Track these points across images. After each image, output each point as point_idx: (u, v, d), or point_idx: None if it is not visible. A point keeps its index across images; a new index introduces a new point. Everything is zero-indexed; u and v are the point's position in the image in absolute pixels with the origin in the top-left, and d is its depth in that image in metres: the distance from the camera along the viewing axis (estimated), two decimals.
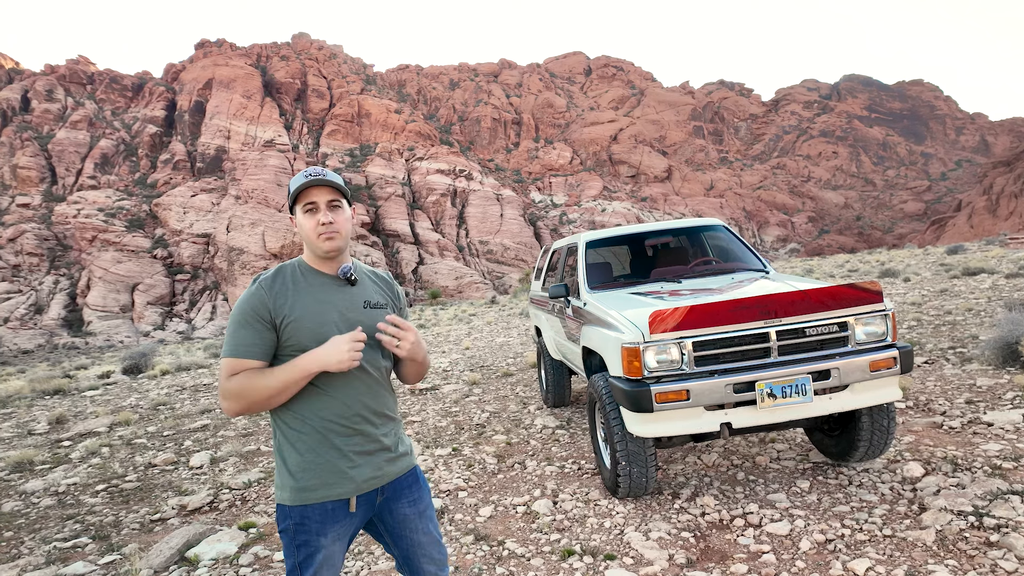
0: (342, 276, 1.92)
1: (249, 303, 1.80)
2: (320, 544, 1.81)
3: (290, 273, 1.89)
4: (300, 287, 1.86)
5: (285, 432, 1.84)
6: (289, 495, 1.81)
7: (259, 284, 1.83)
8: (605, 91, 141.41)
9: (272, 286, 1.83)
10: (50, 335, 57.96)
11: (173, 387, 11.37)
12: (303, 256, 1.95)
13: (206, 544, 3.84)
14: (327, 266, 1.91)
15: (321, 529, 1.81)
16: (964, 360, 6.42)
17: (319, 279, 1.89)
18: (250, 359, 1.77)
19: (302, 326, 1.80)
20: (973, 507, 3.24)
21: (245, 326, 1.78)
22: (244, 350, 1.77)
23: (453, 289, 69.08)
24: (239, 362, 1.76)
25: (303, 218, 1.87)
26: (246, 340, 1.77)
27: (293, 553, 1.82)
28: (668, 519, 3.64)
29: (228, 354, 1.78)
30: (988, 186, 74.97)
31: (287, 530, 1.83)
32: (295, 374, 1.75)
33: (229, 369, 1.77)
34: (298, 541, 1.81)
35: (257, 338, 1.77)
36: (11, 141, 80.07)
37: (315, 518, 1.81)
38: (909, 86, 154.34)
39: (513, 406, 7.05)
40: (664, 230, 5.70)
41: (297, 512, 1.81)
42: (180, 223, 72.37)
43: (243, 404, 1.74)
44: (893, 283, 15.54)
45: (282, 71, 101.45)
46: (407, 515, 1.98)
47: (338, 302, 1.88)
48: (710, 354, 3.40)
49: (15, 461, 6.27)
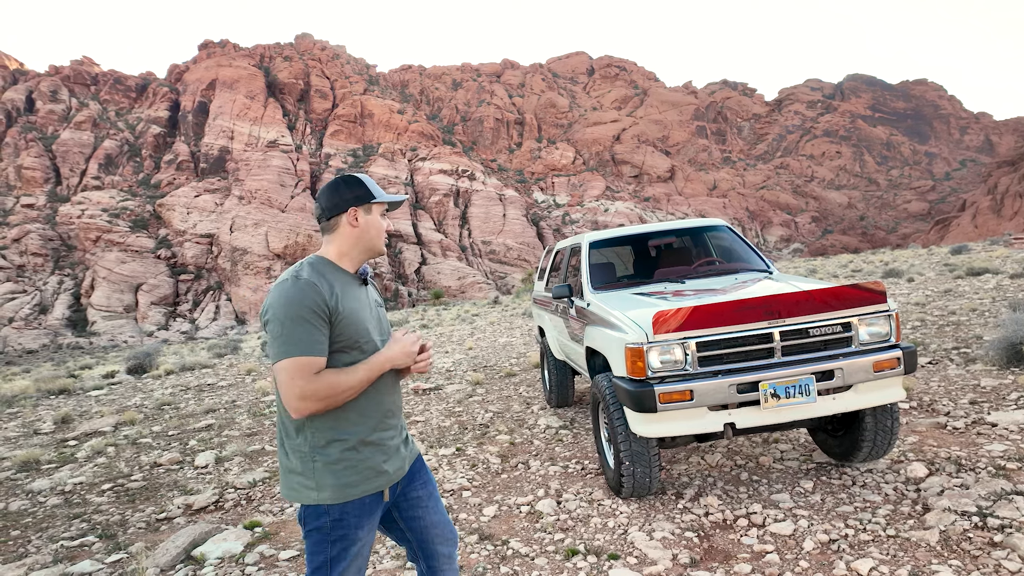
0: (361, 275, 1.98)
1: (306, 300, 1.74)
2: (357, 537, 1.86)
3: (322, 269, 1.87)
4: (337, 285, 1.86)
5: (324, 431, 1.82)
6: (330, 494, 1.81)
7: (308, 281, 1.77)
8: (608, 91, 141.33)
9: (321, 282, 1.80)
10: (54, 335, 58.18)
11: (177, 387, 11.41)
12: (324, 254, 1.93)
13: (212, 543, 3.86)
14: (350, 266, 1.95)
15: (359, 523, 1.86)
16: (968, 360, 6.41)
17: (346, 277, 1.92)
18: (321, 356, 1.74)
19: (351, 322, 1.82)
20: (977, 507, 3.24)
21: (306, 323, 1.72)
22: (317, 348, 1.73)
23: (456, 289, 69.14)
24: (314, 360, 1.72)
25: (379, 219, 1.97)
26: (314, 337, 1.73)
27: (326, 549, 1.83)
28: (672, 519, 3.65)
29: (300, 352, 1.71)
30: (992, 186, 74.73)
31: (322, 527, 1.83)
32: (374, 371, 1.81)
33: (304, 368, 1.71)
34: (334, 536, 1.83)
35: (321, 335, 1.75)
36: (16, 142, 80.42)
37: (354, 512, 1.85)
38: (913, 85, 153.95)
39: (516, 406, 7.07)
40: (667, 230, 5.71)
41: (337, 509, 1.83)
42: (184, 223, 72.56)
43: (326, 404, 1.74)
44: (897, 283, 15.51)
45: (285, 72, 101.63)
46: (420, 496, 2.06)
47: (364, 300, 1.96)
48: (714, 354, 3.41)
49: (22, 460, 6.31)
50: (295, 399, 1.71)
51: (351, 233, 1.92)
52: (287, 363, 1.71)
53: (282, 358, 1.71)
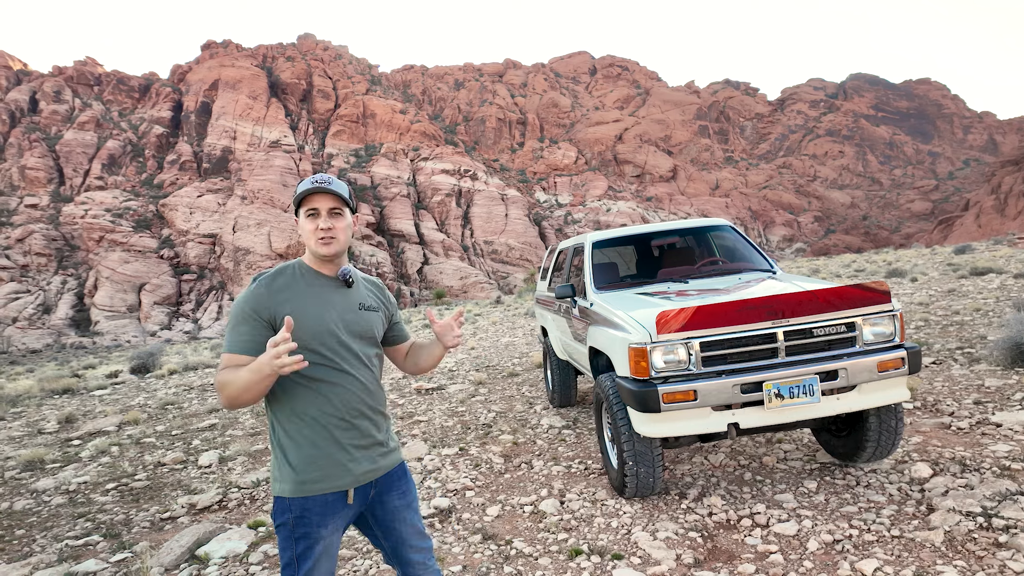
0: (341, 278, 2.01)
1: (248, 301, 1.87)
2: (320, 535, 1.89)
3: (291, 273, 1.96)
4: (300, 287, 1.94)
5: (286, 427, 1.91)
6: (290, 487, 1.88)
7: (259, 283, 1.91)
8: (610, 91, 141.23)
9: (271, 284, 1.91)
10: (58, 335, 58.36)
11: (181, 386, 11.43)
12: (304, 257, 2.02)
13: (216, 542, 3.87)
14: (327, 268, 2.00)
15: (321, 520, 1.89)
16: (972, 360, 6.39)
17: (319, 280, 1.98)
18: (246, 355, 1.82)
19: (301, 325, 1.86)
20: (982, 508, 3.23)
21: (243, 322, 1.85)
22: (240, 345, 1.84)
23: (458, 289, 69.18)
24: (235, 357, 1.83)
25: (305, 221, 1.95)
26: (243, 336, 1.84)
27: (291, 546, 1.89)
28: (675, 519, 3.65)
29: (225, 349, 1.86)
30: (996, 185, 74.49)
31: (286, 523, 1.90)
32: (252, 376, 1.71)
33: (225, 363, 1.84)
34: (297, 534, 1.88)
35: (253, 334, 1.84)
36: (19, 142, 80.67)
37: (315, 510, 1.89)
38: (916, 85, 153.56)
39: (519, 406, 7.07)
40: (670, 230, 5.70)
41: (298, 504, 1.88)
42: (186, 223, 72.72)
43: (225, 398, 1.78)
44: (900, 283, 15.48)
45: (288, 72, 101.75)
46: (397, 507, 2.08)
47: (337, 303, 1.98)
48: (717, 354, 3.41)
49: (26, 460, 6.33)
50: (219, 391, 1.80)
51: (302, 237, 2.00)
52: (222, 356, 1.87)
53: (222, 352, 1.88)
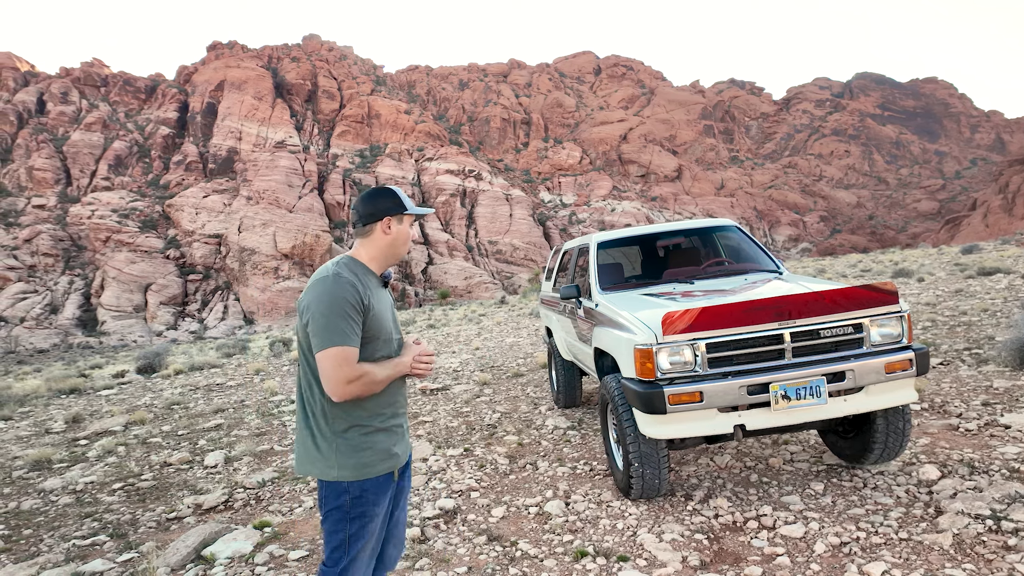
0: (385, 279, 2.21)
1: (346, 295, 1.95)
2: (376, 513, 2.07)
3: (356, 270, 2.07)
4: (370, 283, 2.09)
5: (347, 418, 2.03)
6: (350, 472, 2.01)
7: (346, 279, 1.99)
8: (615, 90, 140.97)
9: (358, 281, 2.02)
10: (65, 335, 58.66)
11: (187, 387, 11.47)
12: (355, 256, 2.14)
13: (222, 543, 3.88)
14: (377, 268, 2.17)
15: (377, 499, 2.07)
16: (980, 361, 6.35)
17: (373, 278, 2.14)
18: (356, 347, 1.95)
19: (377, 318, 2.04)
20: (991, 510, 3.21)
21: (346, 316, 1.94)
22: (354, 338, 1.95)
23: (462, 289, 69.18)
24: (352, 350, 1.93)
25: (407, 229, 2.17)
26: (352, 329, 1.95)
27: (344, 527, 2.01)
28: (681, 521, 3.64)
29: (341, 343, 1.92)
30: (1004, 185, 74.01)
31: (342, 505, 2.01)
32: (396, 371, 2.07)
33: (344, 357, 1.92)
34: (353, 514, 2.02)
35: (358, 328, 1.97)
36: (27, 143, 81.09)
37: (372, 489, 2.05)
38: (923, 84, 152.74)
39: (524, 407, 7.06)
40: (676, 231, 5.68)
41: (357, 486, 2.02)
42: (192, 224, 72.97)
43: (362, 389, 1.95)
44: (907, 283, 15.39)
45: (293, 72, 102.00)
46: (402, 487, 2.27)
47: (386, 299, 2.19)
48: (723, 355, 3.39)
49: (33, 459, 6.37)
50: (342, 383, 1.92)
51: (383, 240, 2.12)
52: (333, 351, 1.91)
53: (327, 347, 1.92)
